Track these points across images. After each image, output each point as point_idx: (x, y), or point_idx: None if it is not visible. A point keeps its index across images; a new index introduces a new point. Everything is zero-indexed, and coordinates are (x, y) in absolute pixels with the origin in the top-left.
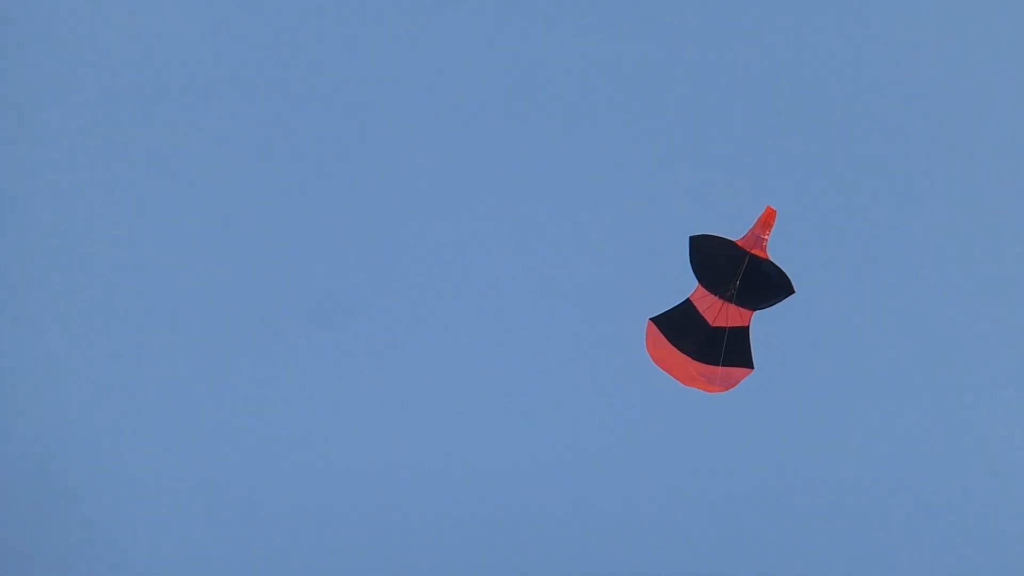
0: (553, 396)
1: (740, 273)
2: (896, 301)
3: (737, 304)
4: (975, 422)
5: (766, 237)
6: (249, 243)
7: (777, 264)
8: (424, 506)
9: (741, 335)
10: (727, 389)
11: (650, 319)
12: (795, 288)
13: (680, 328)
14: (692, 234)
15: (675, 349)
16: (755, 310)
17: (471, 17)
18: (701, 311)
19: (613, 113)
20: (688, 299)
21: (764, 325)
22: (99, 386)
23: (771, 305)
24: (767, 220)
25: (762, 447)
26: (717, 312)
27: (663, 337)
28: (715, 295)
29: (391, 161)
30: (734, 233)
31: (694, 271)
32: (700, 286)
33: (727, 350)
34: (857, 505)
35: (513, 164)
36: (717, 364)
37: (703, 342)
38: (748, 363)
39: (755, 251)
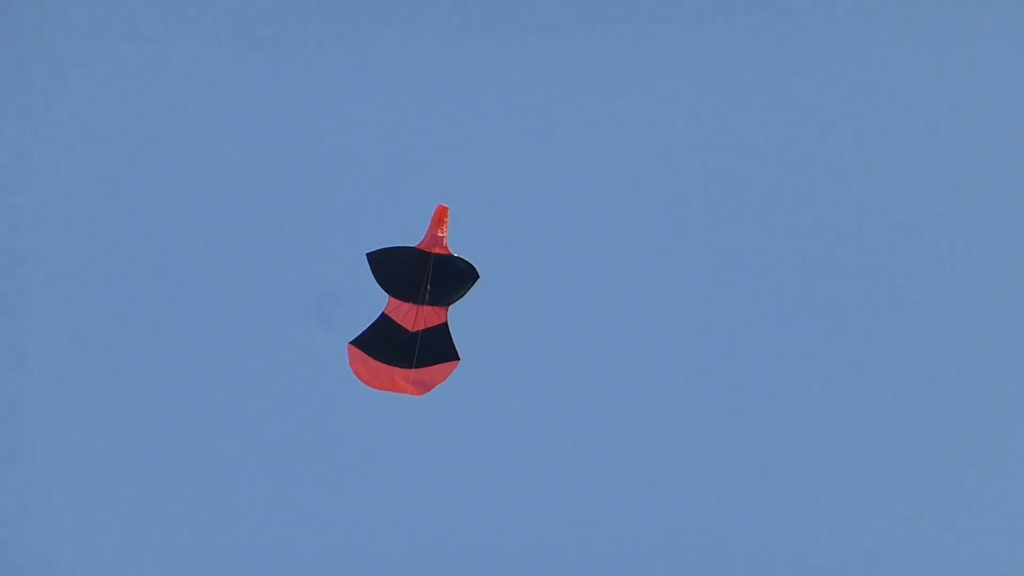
0: None
1: (428, 274)
2: None
3: (431, 304)
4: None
5: (443, 234)
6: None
7: (459, 256)
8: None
9: (441, 332)
10: (434, 386)
11: (349, 343)
12: (480, 273)
13: (381, 343)
14: (368, 251)
15: (380, 364)
16: (448, 305)
17: None
18: (398, 320)
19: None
20: (383, 313)
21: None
22: None
23: (462, 296)
24: (440, 217)
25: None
26: (415, 317)
27: (366, 355)
28: (408, 302)
29: None
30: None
31: (380, 284)
32: (391, 298)
33: (427, 349)
34: None
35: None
36: (417, 366)
37: (405, 349)
38: (452, 356)
39: (436, 250)
